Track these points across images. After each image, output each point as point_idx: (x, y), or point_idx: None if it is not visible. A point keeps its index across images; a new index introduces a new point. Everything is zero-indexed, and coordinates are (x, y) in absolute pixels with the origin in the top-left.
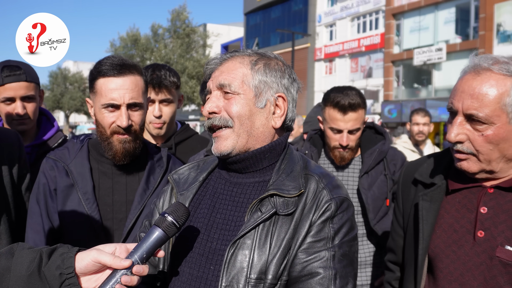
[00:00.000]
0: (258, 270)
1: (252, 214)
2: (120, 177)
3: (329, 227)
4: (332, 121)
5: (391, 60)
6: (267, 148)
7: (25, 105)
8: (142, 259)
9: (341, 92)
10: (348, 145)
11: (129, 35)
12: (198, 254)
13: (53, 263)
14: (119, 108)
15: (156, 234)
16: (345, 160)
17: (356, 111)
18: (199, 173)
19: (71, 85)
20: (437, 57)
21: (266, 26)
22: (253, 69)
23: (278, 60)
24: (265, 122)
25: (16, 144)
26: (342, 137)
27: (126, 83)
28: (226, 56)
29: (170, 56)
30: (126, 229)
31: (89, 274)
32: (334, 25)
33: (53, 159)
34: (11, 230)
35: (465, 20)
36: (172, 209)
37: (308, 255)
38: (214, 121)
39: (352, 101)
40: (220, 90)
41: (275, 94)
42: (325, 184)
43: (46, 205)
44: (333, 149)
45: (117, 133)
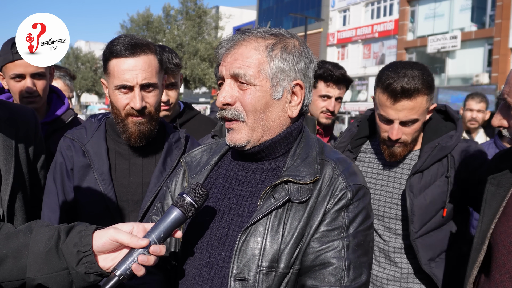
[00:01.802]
0: (270, 258)
1: (265, 200)
2: (136, 159)
3: (344, 216)
4: (381, 107)
5: (405, 47)
6: (283, 136)
7: (35, 82)
8: (160, 239)
9: (396, 72)
10: (400, 139)
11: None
12: (209, 240)
13: (71, 240)
14: (133, 90)
15: (174, 214)
16: (396, 157)
17: (411, 99)
18: (211, 156)
19: (83, 65)
20: (452, 45)
21: (279, 10)
22: (270, 55)
23: (295, 40)
24: (281, 114)
25: (32, 122)
26: (392, 129)
27: (139, 63)
28: (240, 37)
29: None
30: (142, 211)
31: (106, 252)
32: (348, 10)
33: (70, 139)
34: (26, 207)
35: (482, 8)
36: (190, 190)
37: (321, 244)
38: (227, 113)
39: (407, 85)
40: (233, 79)
41: (292, 82)
42: (341, 170)
43: (62, 184)
44: (382, 142)
45: (132, 115)
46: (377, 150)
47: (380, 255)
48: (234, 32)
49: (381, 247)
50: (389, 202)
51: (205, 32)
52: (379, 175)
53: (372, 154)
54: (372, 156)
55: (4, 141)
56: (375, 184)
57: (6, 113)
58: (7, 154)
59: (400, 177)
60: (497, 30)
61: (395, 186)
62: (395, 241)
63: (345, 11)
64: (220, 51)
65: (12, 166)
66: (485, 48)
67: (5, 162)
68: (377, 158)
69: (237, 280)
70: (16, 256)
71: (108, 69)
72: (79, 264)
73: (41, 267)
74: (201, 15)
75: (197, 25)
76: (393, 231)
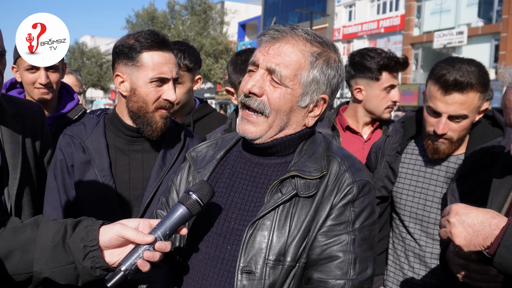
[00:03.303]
0: (277, 252)
1: (272, 195)
2: (136, 154)
3: (350, 211)
4: (430, 98)
5: (411, 43)
6: (294, 137)
7: (49, 75)
8: (165, 236)
9: (452, 65)
10: (446, 134)
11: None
12: (215, 234)
13: (78, 235)
14: (166, 83)
15: (180, 211)
16: (439, 153)
17: (463, 93)
18: (217, 151)
19: (88, 60)
20: (458, 40)
21: (284, 5)
22: (312, 64)
23: (336, 54)
24: (300, 120)
25: (39, 116)
26: (439, 122)
27: (172, 58)
28: (289, 32)
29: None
30: (143, 206)
31: (112, 247)
32: (354, 6)
33: (70, 135)
34: (33, 202)
35: (489, 3)
36: (197, 187)
37: (328, 238)
38: (252, 102)
39: (461, 78)
40: (268, 72)
41: (320, 95)
42: (347, 166)
43: (63, 181)
44: (427, 136)
45: (162, 108)
46: (420, 151)
47: (415, 260)
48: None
49: (416, 252)
50: (429, 206)
51: (211, 28)
52: (420, 177)
53: (413, 155)
54: (413, 158)
55: (11, 136)
56: (415, 187)
57: (13, 108)
58: (15, 148)
59: (443, 181)
60: (504, 26)
61: (437, 190)
62: (432, 247)
63: (351, 6)
64: (264, 38)
65: (20, 161)
66: (491, 43)
67: (12, 156)
68: (419, 160)
69: (244, 273)
70: (23, 250)
71: (140, 61)
72: (86, 259)
73: (48, 261)
74: (206, 10)
75: (202, 20)
76: (430, 236)
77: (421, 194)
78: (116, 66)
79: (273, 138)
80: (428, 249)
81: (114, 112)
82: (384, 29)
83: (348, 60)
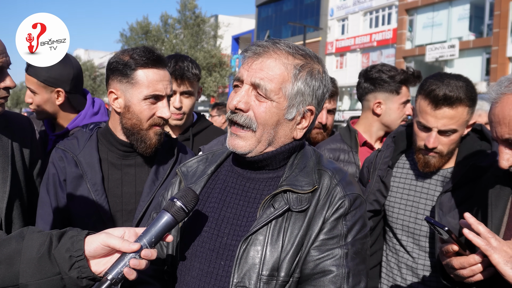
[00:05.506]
0: (271, 267)
1: (265, 210)
2: (129, 168)
3: (342, 224)
4: (420, 113)
5: (403, 56)
6: (284, 150)
7: None
8: (151, 243)
9: (441, 80)
10: (436, 148)
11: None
12: (208, 249)
13: (63, 245)
14: (160, 100)
15: (165, 219)
16: (429, 167)
17: (453, 107)
18: (208, 166)
19: None
20: (450, 54)
21: (277, 19)
22: (295, 76)
23: (320, 65)
24: (288, 133)
25: (28, 129)
26: (429, 136)
27: (167, 75)
28: (271, 47)
29: (181, 47)
30: (135, 221)
31: (98, 257)
32: (346, 19)
33: (62, 149)
34: (23, 215)
35: (480, 17)
36: (181, 194)
37: (321, 252)
38: (239, 118)
39: (451, 93)
40: (253, 87)
41: (306, 107)
42: (339, 180)
43: (56, 195)
44: (417, 150)
45: (156, 125)
46: (410, 165)
47: (408, 272)
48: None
49: (409, 264)
50: (420, 219)
51: (204, 41)
52: (411, 190)
53: (405, 169)
54: (404, 171)
55: (0, 149)
56: (406, 200)
57: (2, 121)
58: (4, 162)
59: (434, 194)
60: (495, 39)
61: (428, 203)
62: (424, 259)
63: (344, 20)
64: (247, 54)
65: (9, 174)
66: (483, 57)
67: (2, 170)
68: (410, 174)
69: None
70: (8, 262)
71: (134, 78)
72: (72, 269)
73: (33, 273)
74: (199, 24)
75: (195, 34)
76: (423, 248)
77: (412, 207)
78: (110, 82)
79: (263, 152)
80: (420, 261)
81: (107, 127)
82: (376, 43)
83: (362, 77)
